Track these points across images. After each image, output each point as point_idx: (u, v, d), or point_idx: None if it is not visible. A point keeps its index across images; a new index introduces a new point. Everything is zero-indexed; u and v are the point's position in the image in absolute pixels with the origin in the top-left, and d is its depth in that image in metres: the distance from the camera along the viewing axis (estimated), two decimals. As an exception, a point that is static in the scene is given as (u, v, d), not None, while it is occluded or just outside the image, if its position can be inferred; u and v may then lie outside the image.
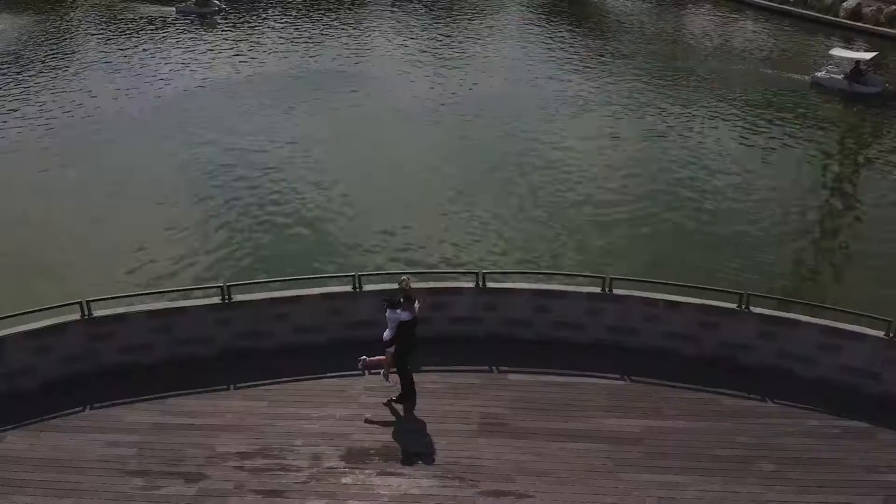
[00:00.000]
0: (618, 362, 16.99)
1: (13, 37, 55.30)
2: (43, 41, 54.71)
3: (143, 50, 52.68)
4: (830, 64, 46.89)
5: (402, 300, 15.40)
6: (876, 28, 56.41)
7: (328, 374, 16.62)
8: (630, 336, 17.50)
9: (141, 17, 60.53)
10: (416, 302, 15.57)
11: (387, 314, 15.34)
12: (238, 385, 16.38)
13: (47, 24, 59.48)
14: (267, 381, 16.46)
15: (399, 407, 15.74)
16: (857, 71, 44.80)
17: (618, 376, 16.68)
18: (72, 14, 62.87)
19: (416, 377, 16.09)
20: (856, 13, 58.24)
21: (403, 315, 15.23)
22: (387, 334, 15.49)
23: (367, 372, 16.52)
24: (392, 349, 15.52)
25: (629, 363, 16.96)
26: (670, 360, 17.12)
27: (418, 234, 27.12)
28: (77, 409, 15.65)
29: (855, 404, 15.80)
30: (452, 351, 17.22)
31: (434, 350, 16.77)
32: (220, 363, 16.95)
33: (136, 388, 16.13)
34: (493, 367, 16.93)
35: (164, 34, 56.34)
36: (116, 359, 16.72)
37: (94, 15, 62.46)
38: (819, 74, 46.21)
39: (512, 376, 16.69)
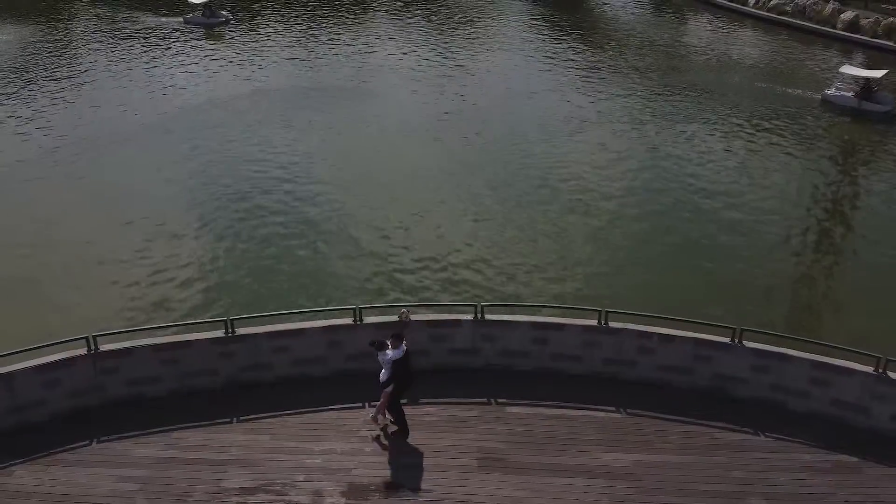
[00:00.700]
0: (613, 394, 17.35)
1: (17, 48, 55.64)
2: (47, 53, 54.94)
3: (150, 62, 52.95)
4: (840, 81, 46.46)
5: (390, 339, 15.76)
6: (873, 40, 56.71)
7: (329, 407, 16.99)
8: (626, 368, 17.86)
9: (149, 28, 60.88)
10: (404, 339, 15.89)
11: (378, 357, 15.74)
12: (241, 417, 16.73)
13: (51, 35, 59.68)
14: (269, 414, 16.82)
15: (398, 441, 16.10)
16: (867, 89, 44.50)
17: (613, 409, 17.04)
18: (78, 25, 63.07)
19: (416, 409, 16.52)
20: (853, 24, 58.55)
21: (394, 354, 15.61)
22: (383, 376, 15.87)
23: (367, 405, 16.87)
24: (389, 388, 15.89)
25: (624, 395, 17.31)
26: (665, 392, 17.49)
27: (418, 261, 27.29)
28: (84, 442, 16.03)
29: (846, 438, 16.16)
30: (452, 382, 17.60)
31: (433, 381, 17.18)
32: (224, 395, 17.32)
33: (142, 421, 16.50)
34: (492, 400, 17.29)
35: (172, 46, 56.64)
36: (123, 391, 17.09)
37: (100, 26, 62.63)
38: (829, 92, 45.74)
39: (510, 409, 17.05)
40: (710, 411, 16.92)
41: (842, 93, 45.15)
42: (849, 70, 46.15)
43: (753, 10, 66.23)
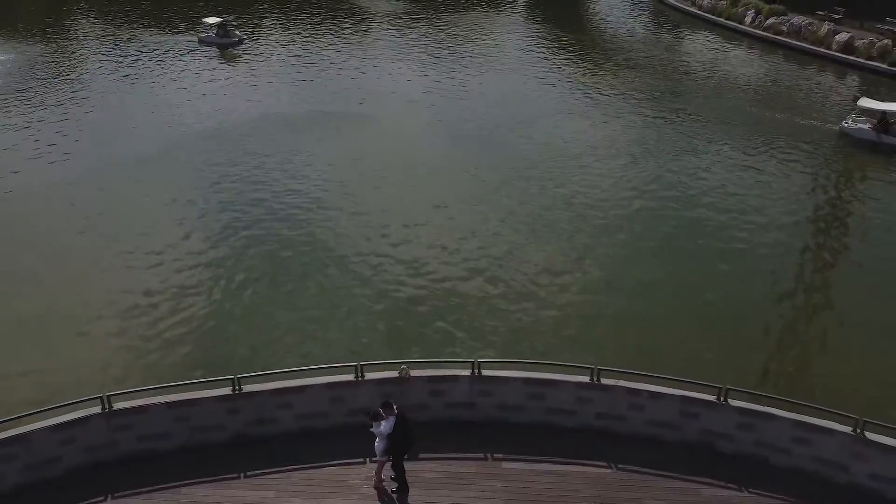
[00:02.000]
0: (605, 449, 18.12)
1: (25, 69, 56.36)
2: (57, 74, 55.83)
3: (166, 83, 53.93)
4: (857, 113, 45.87)
5: (381, 407, 16.50)
6: (868, 62, 57.44)
7: (331, 462, 17.75)
8: (617, 422, 18.64)
9: (163, 48, 61.71)
10: (394, 406, 16.64)
11: (372, 429, 16.51)
12: (247, 473, 17.49)
13: (61, 55, 60.58)
14: (274, 469, 17.57)
15: (398, 499, 16.85)
16: (884, 122, 44.24)
17: (605, 464, 17.80)
18: (89, 44, 63.92)
19: (416, 465, 17.26)
20: (848, 46, 59.29)
21: (385, 427, 16.37)
22: (378, 446, 16.63)
23: (367, 461, 17.63)
24: (385, 458, 16.68)
25: (615, 450, 18.09)
26: (653, 446, 18.25)
27: (418, 313, 27.78)
28: (99, 498, 16.79)
29: (826, 494, 16.94)
30: (449, 435, 18.36)
31: (433, 435, 17.94)
32: (231, 450, 18.08)
33: (153, 477, 17.26)
34: (489, 455, 18.04)
35: (186, 66, 57.52)
36: (135, 447, 17.85)
37: (114, 43, 63.50)
38: (846, 124, 45.50)
39: (506, 464, 17.80)
40: (697, 466, 17.69)
41: (860, 125, 44.88)
42: (866, 103, 45.62)
43: (749, 29, 67.07)
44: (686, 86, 54.96)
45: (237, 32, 63.53)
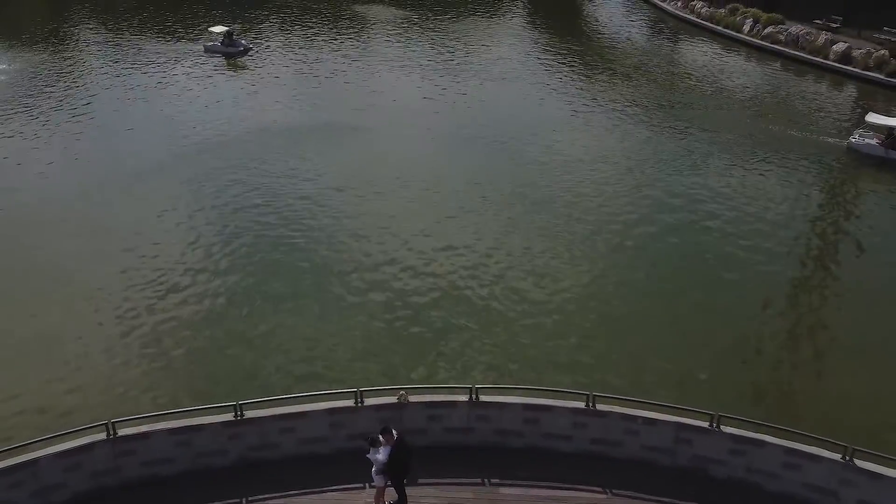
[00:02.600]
0: (601, 474, 18.50)
1: (27, 76, 56.74)
2: (59, 83, 56.22)
3: (168, 90, 54.46)
4: (864, 128, 45.83)
5: (381, 434, 16.87)
6: (864, 72, 57.78)
7: (331, 487, 18.12)
8: (612, 447, 19.03)
9: (168, 56, 62.04)
10: (393, 432, 17.03)
11: (370, 455, 16.88)
12: (250, 498, 17.86)
13: (65, 64, 60.97)
14: (276, 494, 17.94)
15: (397, 525, 17.25)
16: (892, 138, 44.10)
17: (599, 489, 18.17)
18: (94, 52, 64.21)
19: (415, 491, 17.64)
20: (846, 56, 59.62)
21: (382, 456, 16.73)
22: (375, 473, 16.98)
23: (367, 486, 18.00)
24: (384, 483, 17.05)
25: (610, 475, 18.46)
26: (648, 471, 18.63)
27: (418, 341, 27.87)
28: (104, 524, 17.20)
29: None
30: (448, 460, 18.72)
31: (431, 459, 18.30)
32: (234, 474, 18.46)
33: (157, 502, 17.66)
34: (486, 480, 18.41)
35: (190, 74, 57.94)
36: (139, 472, 18.24)
37: (119, 52, 63.83)
38: (854, 140, 45.35)
39: (503, 489, 18.17)
40: (691, 491, 18.07)
41: (867, 141, 44.82)
42: (874, 118, 45.53)
43: (748, 38, 67.36)
44: (686, 96, 55.17)
45: (243, 41, 63.88)
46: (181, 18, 74.06)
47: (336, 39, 68.58)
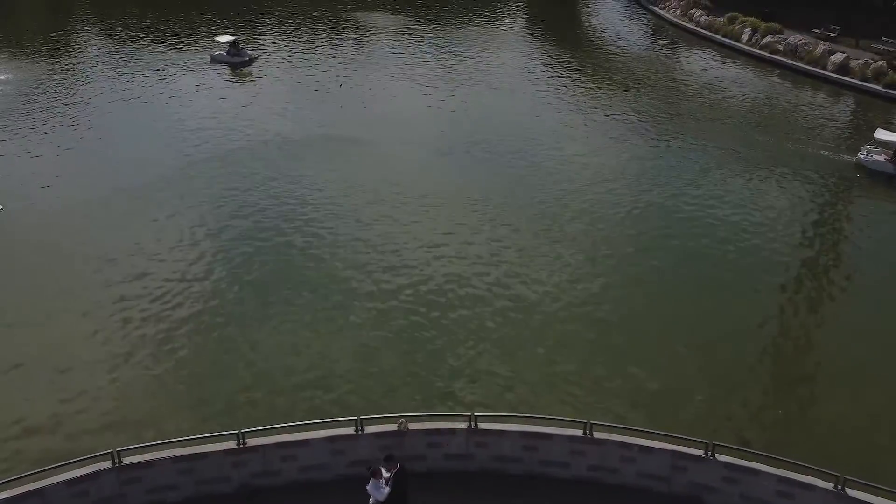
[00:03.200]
0: (597, 501, 18.83)
1: (29, 86, 56.99)
2: (65, 91, 56.54)
3: (174, 100, 54.77)
4: (872, 144, 45.64)
5: (384, 461, 17.18)
6: (862, 83, 58.10)
7: None
8: (609, 474, 19.38)
9: (174, 66, 62.29)
10: (394, 460, 17.42)
11: (368, 487, 17.20)
12: (253, 525, 18.22)
13: (67, 72, 61.33)
14: (279, 521, 18.32)
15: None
16: None
17: (596, 517, 18.54)
18: (99, 60, 64.45)
19: (413, 519, 17.95)
20: (843, 67, 59.94)
21: (380, 494, 17.09)
22: None
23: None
24: None
25: (607, 502, 18.79)
26: (644, 498, 18.98)
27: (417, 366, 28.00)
28: (109, 550, 17.52)
29: None
30: (447, 487, 19.06)
31: (430, 486, 18.64)
32: (237, 500, 18.83)
33: None
34: (484, 508, 18.77)
35: (197, 84, 58.26)
36: (144, 499, 18.58)
37: (125, 60, 64.14)
38: (862, 156, 45.14)
39: (501, 515, 18.54)
40: None
41: (876, 157, 44.72)
42: (883, 135, 45.21)
43: (746, 48, 67.70)
44: (686, 107, 55.46)
45: (248, 51, 64.17)
46: (187, 26, 74.25)
47: (340, 48, 68.85)
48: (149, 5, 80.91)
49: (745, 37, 68.62)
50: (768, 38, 66.62)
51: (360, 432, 19.32)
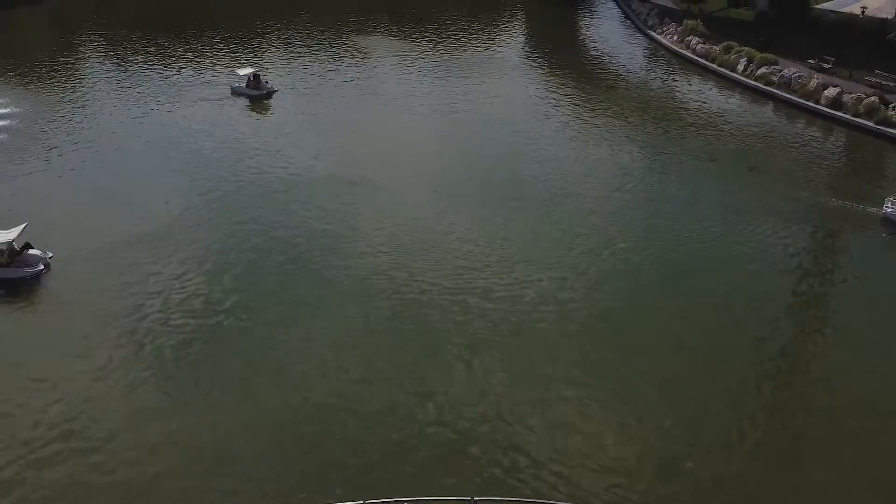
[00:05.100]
0: None
1: (46, 121, 57.92)
2: (79, 121, 57.97)
3: (193, 132, 56.23)
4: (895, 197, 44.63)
5: None
6: (854, 119, 59.12)
7: None
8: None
9: (195, 98, 63.14)
10: None
11: None
12: None
13: (79, 102, 62.44)
14: None
15: None
16: None
17: None
18: (117, 90, 65.25)
19: None
20: (836, 101, 60.94)
21: None
22: None
23: None
24: None
25: None
26: None
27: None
28: None
29: None
30: None
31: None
32: None
33: None
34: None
35: (216, 116, 59.41)
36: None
37: (145, 90, 64.98)
38: (888, 209, 43.94)
39: None
40: None
41: None
42: None
43: (741, 78, 68.54)
44: (691, 143, 56.51)
45: (269, 83, 64.67)
46: (211, 58, 74.26)
47: (361, 78, 69.19)
48: (155, 30, 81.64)
49: (740, 67, 69.49)
50: (763, 70, 67.52)
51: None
